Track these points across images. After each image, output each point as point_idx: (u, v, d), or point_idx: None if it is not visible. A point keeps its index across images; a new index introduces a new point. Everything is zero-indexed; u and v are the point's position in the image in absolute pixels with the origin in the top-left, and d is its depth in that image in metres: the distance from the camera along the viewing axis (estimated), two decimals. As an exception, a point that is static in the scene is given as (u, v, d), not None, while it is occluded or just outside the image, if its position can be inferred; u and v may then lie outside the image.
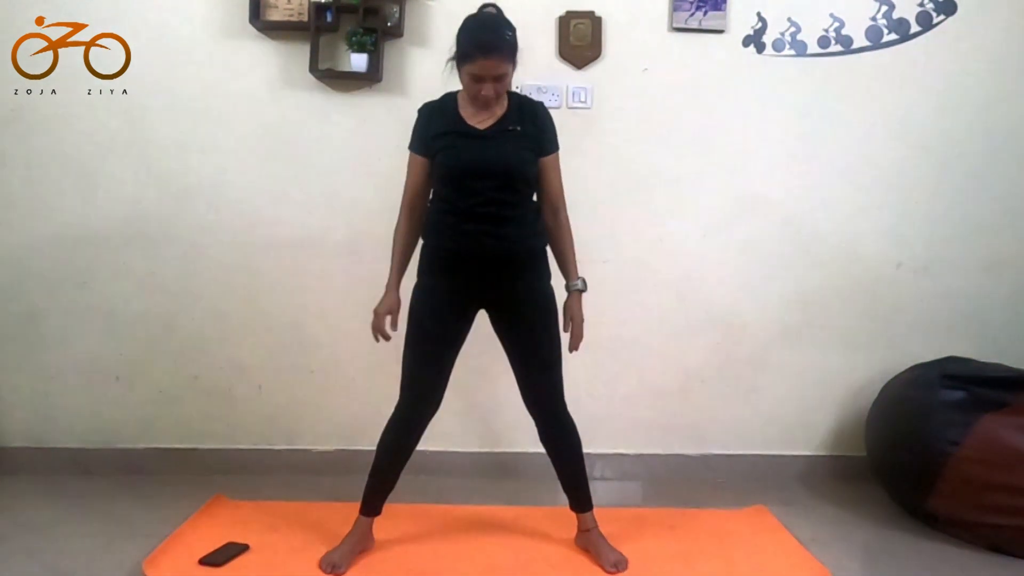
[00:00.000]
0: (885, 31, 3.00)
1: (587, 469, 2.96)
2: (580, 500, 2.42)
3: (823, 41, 3.00)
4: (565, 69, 2.98)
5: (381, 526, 2.50)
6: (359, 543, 2.37)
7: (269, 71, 2.94)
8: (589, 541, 2.40)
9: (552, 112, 2.94)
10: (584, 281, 2.37)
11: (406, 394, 2.34)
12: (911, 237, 3.08)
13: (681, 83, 3.00)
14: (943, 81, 3.02)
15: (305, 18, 2.86)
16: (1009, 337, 3.09)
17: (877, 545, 2.63)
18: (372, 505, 2.38)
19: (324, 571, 2.28)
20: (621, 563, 2.34)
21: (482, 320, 2.36)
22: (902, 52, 3.00)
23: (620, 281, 3.04)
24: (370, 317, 3.00)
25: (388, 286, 2.36)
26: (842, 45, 3.00)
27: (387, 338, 2.32)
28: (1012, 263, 3.10)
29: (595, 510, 2.51)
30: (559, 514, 2.54)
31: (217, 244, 2.99)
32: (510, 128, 2.27)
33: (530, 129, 2.29)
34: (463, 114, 2.28)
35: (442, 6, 2.95)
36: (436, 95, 2.94)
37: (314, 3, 2.83)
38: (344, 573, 2.28)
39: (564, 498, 2.88)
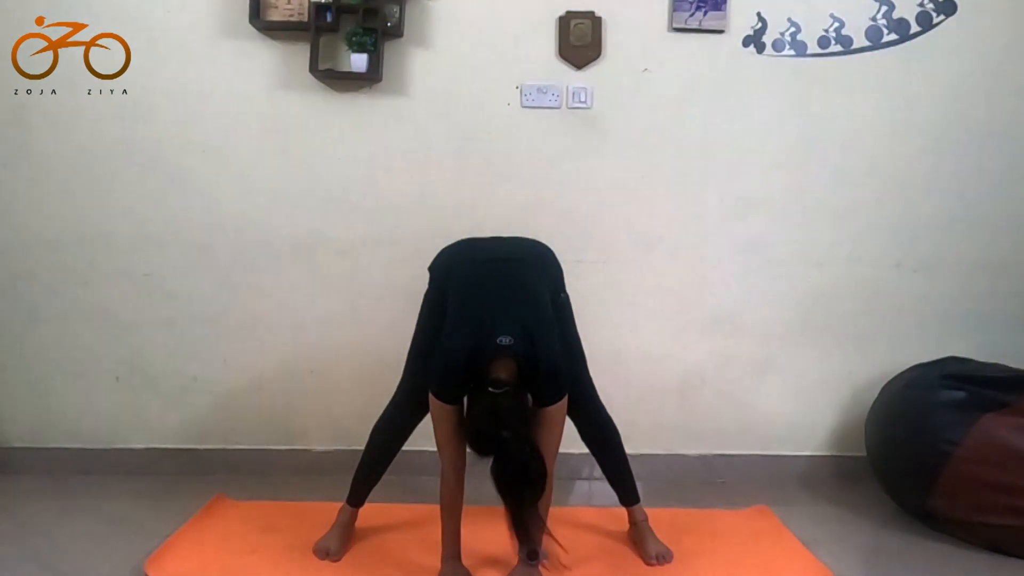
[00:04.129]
0: (885, 31, 3.00)
1: (587, 469, 3.00)
2: (626, 494, 2.45)
3: (823, 41, 3.00)
4: (565, 69, 2.98)
5: (377, 523, 2.53)
6: (347, 531, 2.42)
7: (269, 71, 2.94)
8: (637, 533, 2.43)
9: (552, 112, 2.99)
10: (545, 553, 2.19)
11: (402, 396, 2.37)
12: (911, 237, 3.08)
13: (681, 83, 3.00)
14: (943, 81, 3.02)
15: (305, 18, 2.86)
16: (1009, 337, 3.09)
17: (877, 545, 2.63)
18: (358, 496, 2.43)
19: (318, 557, 2.34)
20: (664, 555, 2.37)
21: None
22: (902, 52, 3.00)
23: (620, 281, 3.04)
24: (369, 316, 3.03)
25: (445, 558, 2.23)
26: (842, 45, 3.00)
27: None
28: (1012, 263, 3.10)
29: (595, 510, 2.51)
30: (565, 514, 2.55)
31: (217, 244, 2.99)
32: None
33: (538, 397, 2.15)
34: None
35: (442, 6, 2.95)
36: (436, 95, 2.97)
37: (314, 3, 2.83)
38: (338, 560, 2.34)
39: (569, 498, 2.90)
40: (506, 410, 2.00)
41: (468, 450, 2.14)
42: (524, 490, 1.99)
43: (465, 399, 2.13)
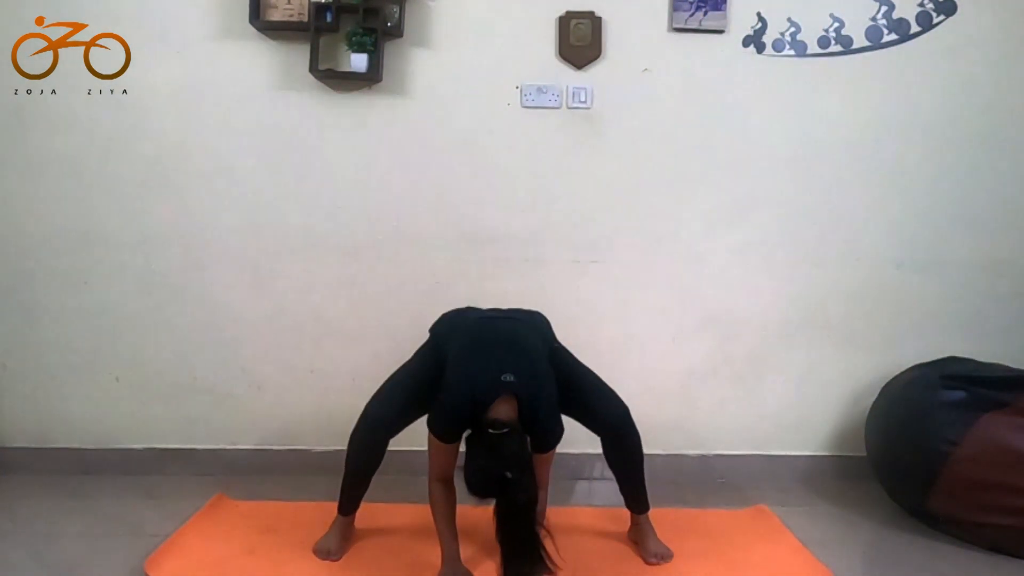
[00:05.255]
0: (885, 31, 3.00)
1: (587, 469, 3.01)
2: (638, 503, 2.46)
3: (823, 41, 3.00)
4: (565, 69, 2.98)
5: (377, 523, 2.53)
6: (346, 531, 2.43)
7: (269, 71, 2.94)
8: (638, 532, 2.45)
9: (552, 112, 2.99)
10: None
11: (370, 418, 2.36)
12: (911, 237, 3.08)
13: (681, 83, 3.00)
14: (943, 81, 3.02)
15: (305, 18, 2.86)
16: (1009, 337, 3.09)
17: (877, 545, 2.63)
18: (348, 506, 2.43)
19: (318, 557, 2.36)
20: (664, 555, 2.39)
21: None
22: (902, 52, 3.00)
23: (620, 281, 3.04)
24: (369, 315, 3.03)
25: (446, 558, 2.23)
26: (842, 45, 3.00)
27: None
28: (1012, 263, 3.10)
29: (595, 510, 2.49)
30: (566, 514, 2.56)
31: (217, 244, 2.99)
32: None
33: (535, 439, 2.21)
34: None
35: (442, 6, 2.95)
36: (436, 95, 2.97)
37: (314, 3, 2.83)
38: (338, 560, 2.35)
39: (570, 497, 2.90)
40: (509, 450, 2.04)
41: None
42: (526, 528, 2.04)
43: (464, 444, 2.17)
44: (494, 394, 2.10)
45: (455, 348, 2.27)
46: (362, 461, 2.38)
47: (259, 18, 2.86)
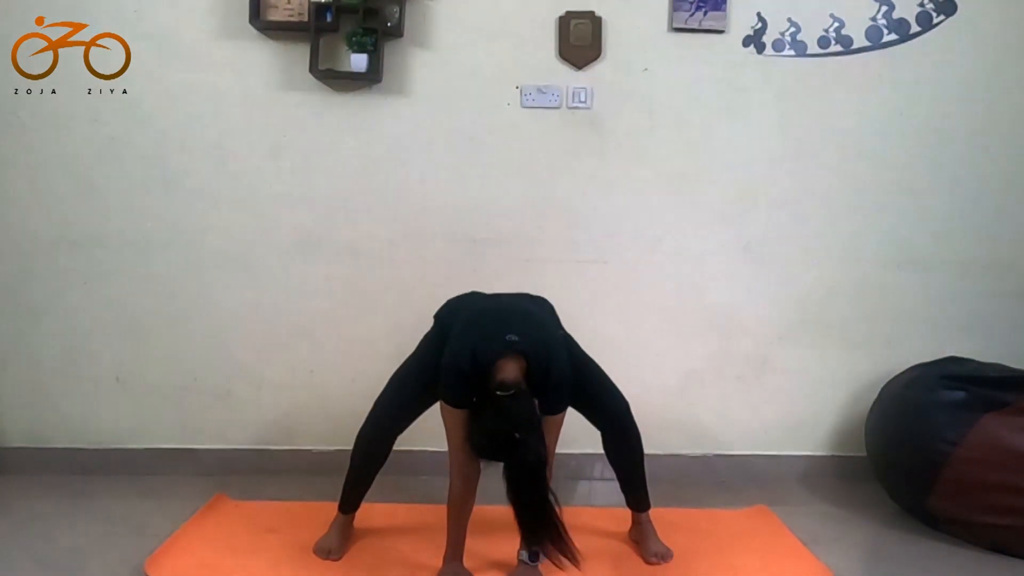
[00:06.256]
0: (885, 31, 3.00)
1: (588, 470, 3.01)
2: (639, 502, 2.46)
3: (823, 41, 3.00)
4: (565, 69, 2.98)
5: (377, 523, 2.53)
6: (346, 531, 2.43)
7: (269, 71, 2.94)
8: (639, 532, 2.45)
9: (552, 112, 2.99)
10: (539, 555, 2.20)
11: (378, 412, 2.37)
12: (911, 237, 3.08)
13: (681, 83, 3.00)
14: (943, 81, 3.02)
15: (305, 18, 2.86)
16: (1009, 337, 3.09)
17: (877, 545, 2.63)
18: (349, 503, 2.43)
19: (319, 557, 2.35)
20: (665, 555, 2.39)
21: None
22: (902, 52, 3.00)
23: (620, 281, 3.04)
24: (369, 316, 3.03)
25: (447, 558, 2.22)
26: (842, 45, 3.00)
27: None
28: (1012, 263, 3.10)
29: (595, 510, 2.48)
30: (566, 514, 2.55)
31: (217, 244, 2.99)
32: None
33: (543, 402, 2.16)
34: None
35: (442, 6, 2.95)
36: (436, 96, 2.97)
37: (314, 3, 2.83)
38: (339, 559, 2.34)
39: (571, 497, 2.89)
40: (517, 411, 2.00)
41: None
42: (538, 490, 1.99)
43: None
44: (497, 350, 2.04)
45: (458, 325, 2.22)
46: (368, 456, 2.38)
47: (259, 18, 2.86)
